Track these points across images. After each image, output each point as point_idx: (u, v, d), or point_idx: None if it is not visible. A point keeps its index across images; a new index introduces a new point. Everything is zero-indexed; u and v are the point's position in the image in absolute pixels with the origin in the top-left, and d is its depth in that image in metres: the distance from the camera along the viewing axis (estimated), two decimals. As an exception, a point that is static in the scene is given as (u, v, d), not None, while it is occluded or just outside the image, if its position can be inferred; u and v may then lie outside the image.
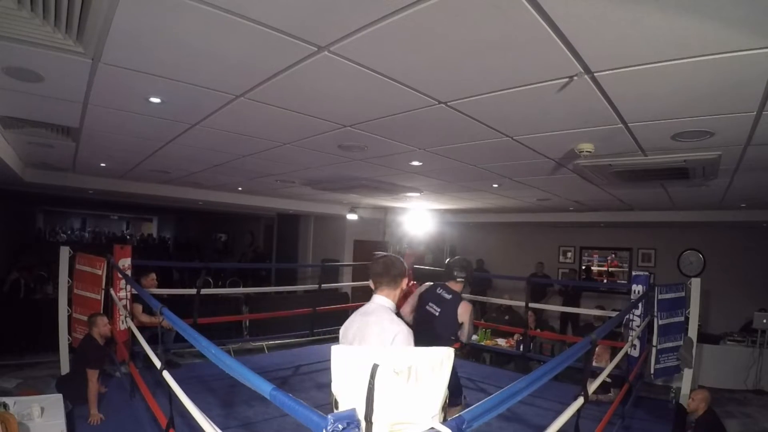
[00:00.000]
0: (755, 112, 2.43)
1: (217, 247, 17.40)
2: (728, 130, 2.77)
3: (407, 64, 2.11)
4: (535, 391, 1.76)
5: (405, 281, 2.24)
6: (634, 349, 4.47)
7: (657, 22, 1.58)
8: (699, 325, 4.56)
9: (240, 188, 7.24)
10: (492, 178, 5.04)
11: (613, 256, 9.18)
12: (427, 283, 3.39)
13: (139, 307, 4.95)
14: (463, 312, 3.15)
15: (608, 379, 4.32)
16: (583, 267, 9.40)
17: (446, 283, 3.29)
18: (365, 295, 7.96)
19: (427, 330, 3.06)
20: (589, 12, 1.56)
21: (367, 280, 2.29)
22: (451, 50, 1.93)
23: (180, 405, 2.28)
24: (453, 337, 3.18)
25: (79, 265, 4.84)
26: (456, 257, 3.55)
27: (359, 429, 1.13)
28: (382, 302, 2.15)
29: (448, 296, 3.22)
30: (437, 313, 3.17)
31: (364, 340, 2.01)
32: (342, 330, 2.17)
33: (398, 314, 2.16)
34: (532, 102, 2.49)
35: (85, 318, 4.32)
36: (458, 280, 3.27)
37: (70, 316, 4.73)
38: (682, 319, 4.53)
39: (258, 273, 11.69)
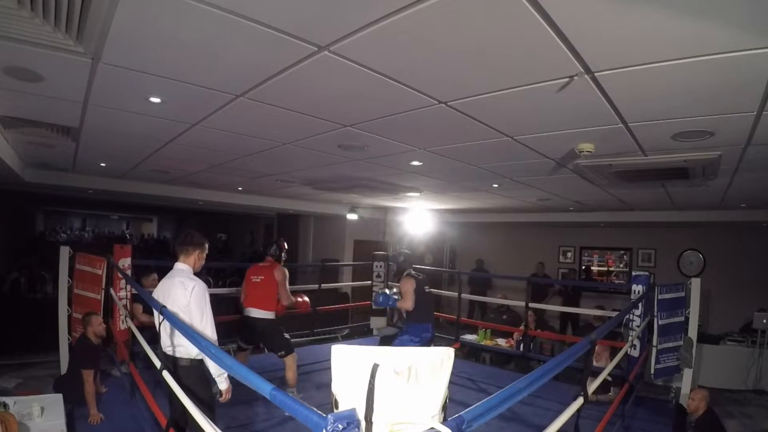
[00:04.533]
0: (755, 112, 2.43)
1: (217, 247, 17.38)
2: (728, 130, 2.77)
3: (407, 64, 2.11)
4: (535, 391, 1.76)
5: (198, 253, 2.78)
6: (634, 349, 4.47)
7: (657, 22, 1.58)
8: (699, 325, 4.56)
9: (240, 188, 7.24)
10: (492, 178, 5.04)
11: (610, 254, 9.20)
12: (412, 273, 4.33)
13: (139, 307, 4.94)
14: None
15: (609, 378, 4.32)
16: (583, 267, 9.41)
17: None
18: (365, 295, 7.93)
19: (430, 306, 4.38)
20: (589, 12, 1.56)
21: (367, 281, 2.40)
22: (451, 50, 1.93)
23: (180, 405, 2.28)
24: None
25: (79, 265, 4.84)
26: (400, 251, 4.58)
27: (359, 429, 1.13)
28: (181, 267, 2.72)
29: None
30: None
31: (170, 297, 2.57)
32: (155, 293, 2.73)
33: (196, 274, 2.74)
34: (533, 102, 2.49)
35: (84, 318, 4.32)
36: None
37: (70, 316, 4.73)
38: (682, 319, 4.53)
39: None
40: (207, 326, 2.57)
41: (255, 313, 4.08)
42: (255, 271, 4.25)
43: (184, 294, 2.55)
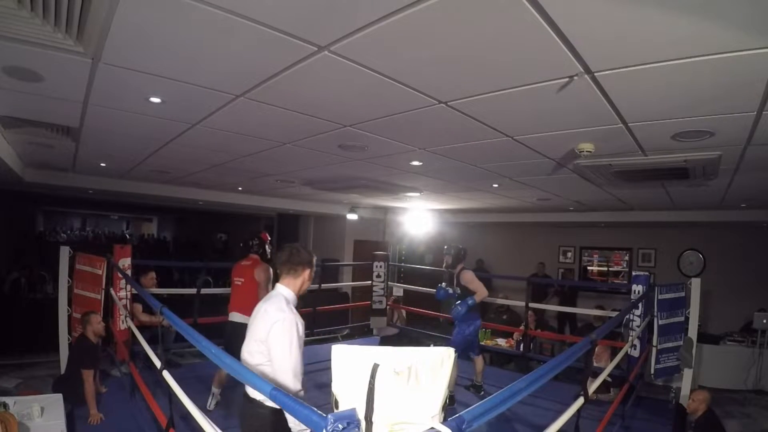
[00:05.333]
0: (755, 112, 2.43)
1: (217, 247, 17.39)
2: (728, 130, 2.77)
3: (407, 64, 2.11)
4: (535, 391, 1.76)
5: (308, 272, 2.25)
6: (634, 349, 4.47)
7: (657, 21, 1.58)
8: (699, 325, 4.56)
9: (240, 188, 7.24)
10: (492, 178, 5.04)
11: (618, 254, 9.18)
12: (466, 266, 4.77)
13: (139, 307, 4.95)
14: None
15: (609, 378, 4.33)
16: (582, 267, 9.40)
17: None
18: (365, 296, 7.91)
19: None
20: (589, 12, 1.56)
21: (367, 281, 2.31)
22: (451, 50, 1.93)
23: (180, 405, 2.28)
24: None
25: (79, 265, 4.84)
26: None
27: (359, 429, 1.13)
28: (280, 290, 2.21)
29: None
30: None
31: (253, 324, 2.14)
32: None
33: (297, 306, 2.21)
34: (533, 102, 2.49)
35: (85, 318, 4.32)
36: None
37: (70, 316, 4.73)
38: (682, 319, 4.53)
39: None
40: (283, 373, 1.99)
41: (237, 317, 3.75)
42: (237, 271, 3.99)
43: (264, 328, 2.06)
